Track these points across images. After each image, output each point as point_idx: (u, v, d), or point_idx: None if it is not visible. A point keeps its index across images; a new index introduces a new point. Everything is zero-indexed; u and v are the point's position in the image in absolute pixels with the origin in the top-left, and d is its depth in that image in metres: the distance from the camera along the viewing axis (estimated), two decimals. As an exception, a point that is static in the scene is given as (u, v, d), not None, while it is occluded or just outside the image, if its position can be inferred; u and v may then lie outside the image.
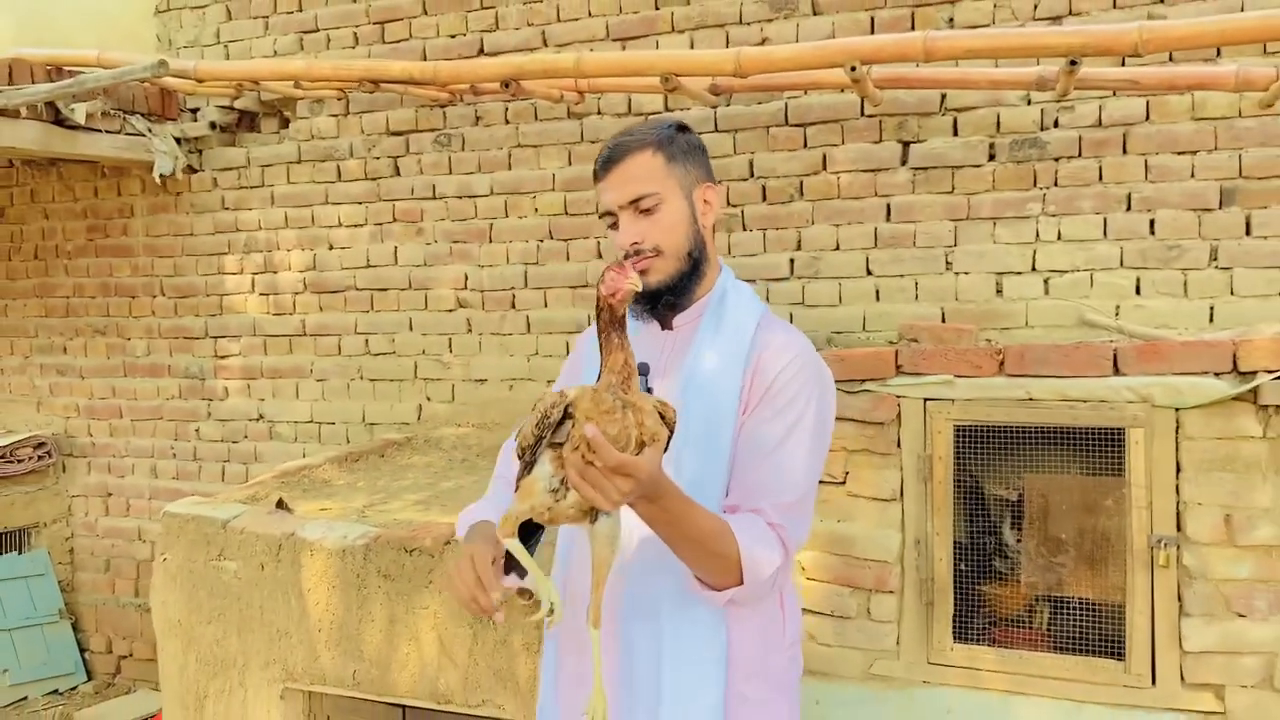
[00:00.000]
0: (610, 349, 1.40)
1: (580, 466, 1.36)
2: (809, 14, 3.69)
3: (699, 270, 1.74)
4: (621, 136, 1.73)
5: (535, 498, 1.44)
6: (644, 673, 1.64)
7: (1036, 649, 2.67)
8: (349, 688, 2.91)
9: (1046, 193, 3.40)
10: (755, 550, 1.55)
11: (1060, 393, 2.59)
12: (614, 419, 1.36)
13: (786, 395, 1.66)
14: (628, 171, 1.67)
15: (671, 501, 1.47)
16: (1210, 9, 3.23)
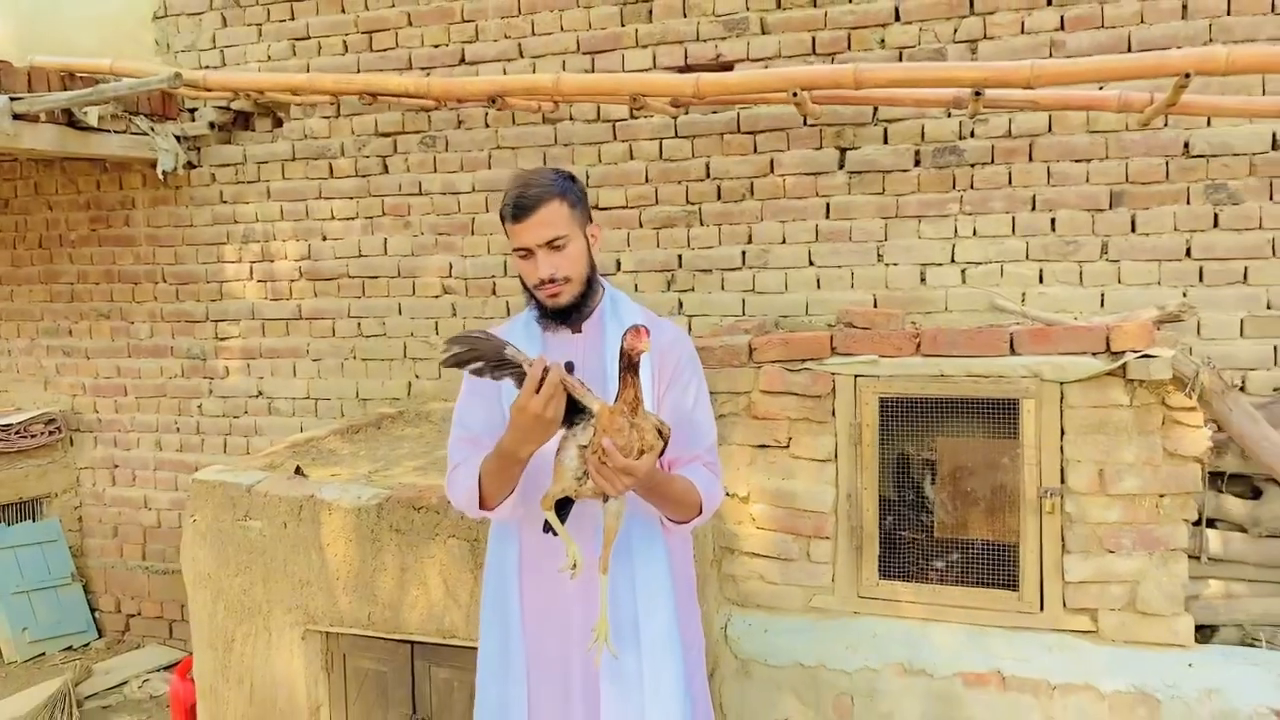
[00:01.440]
0: (624, 385, 1.89)
1: (597, 465, 1.88)
2: (759, 33, 4.15)
3: (592, 288, 2.23)
4: (529, 188, 2.14)
5: (565, 480, 1.96)
6: (623, 596, 2.16)
7: (947, 583, 3.19)
8: (364, 628, 3.36)
9: (964, 194, 3.91)
10: (709, 490, 2.16)
11: (967, 370, 3.10)
12: (622, 434, 1.87)
13: (687, 373, 2.23)
14: (543, 218, 2.11)
15: (659, 484, 2.02)
16: (1103, 37, 3.75)
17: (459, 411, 2.29)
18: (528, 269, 2.16)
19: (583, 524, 2.11)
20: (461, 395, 2.30)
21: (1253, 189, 3.64)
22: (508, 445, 1.99)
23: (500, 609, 2.26)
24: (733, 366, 3.32)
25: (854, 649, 3.11)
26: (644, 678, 2.12)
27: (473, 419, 2.24)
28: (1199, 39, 3.65)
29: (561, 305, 2.15)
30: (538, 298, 2.18)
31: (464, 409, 2.28)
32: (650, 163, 4.34)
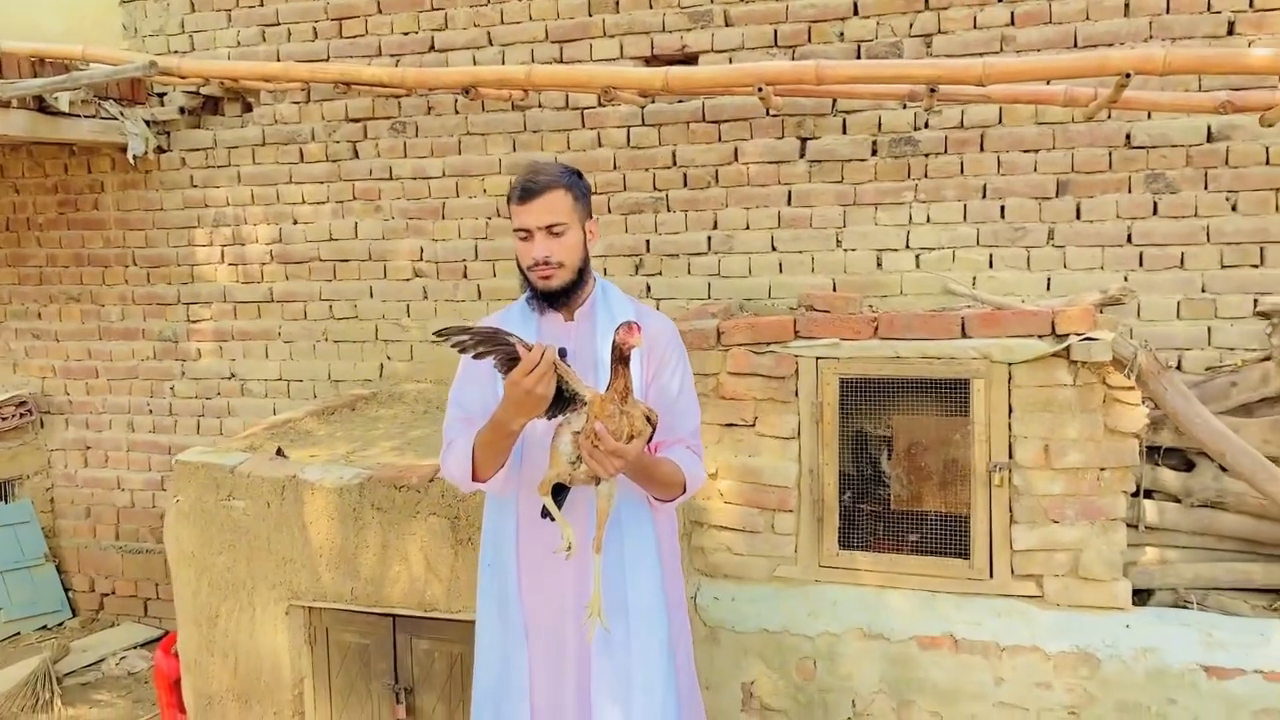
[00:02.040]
0: (616, 375, 2.04)
1: (590, 449, 2.03)
2: (723, 25, 4.29)
3: (583, 278, 2.37)
4: (539, 175, 2.29)
5: (560, 465, 2.11)
6: (613, 570, 2.32)
7: (902, 552, 3.38)
8: (347, 602, 3.49)
9: (918, 183, 4.09)
10: (693, 471, 2.32)
11: (921, 352, 3.28)
12: (613, 420, 2.02)
13: (673, 360, 2.39)
14: (547, 203, 2.26)
15: (647, 466, 2.18)
16: (1051, 32, 3.93)
17: (455, 394, 2.43)
18: (524, 250, 2.29)
19: (576, 505, 2.26)
20: (457, 379, 2.43)
21: (1189, 179, 3.85)
22: (501, 417, 2.14)
23: (498, 580, 2.39)
24: (702, 349, 3.48)
25: (816, 615, 3.30)
26: (631, 645, 2.28)
27: (468, 401, 2.38)
28: (1140, 35, 3.85)
29: (552, 289, 2.29)
30: (530, 279, 2.31)
31: (460, 391, 2.41)
32: (618, 150, 4.47)
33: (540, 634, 2.36)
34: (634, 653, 2.30)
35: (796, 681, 3.30)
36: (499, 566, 2.40)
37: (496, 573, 2.41)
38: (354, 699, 3.55)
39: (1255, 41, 3.75)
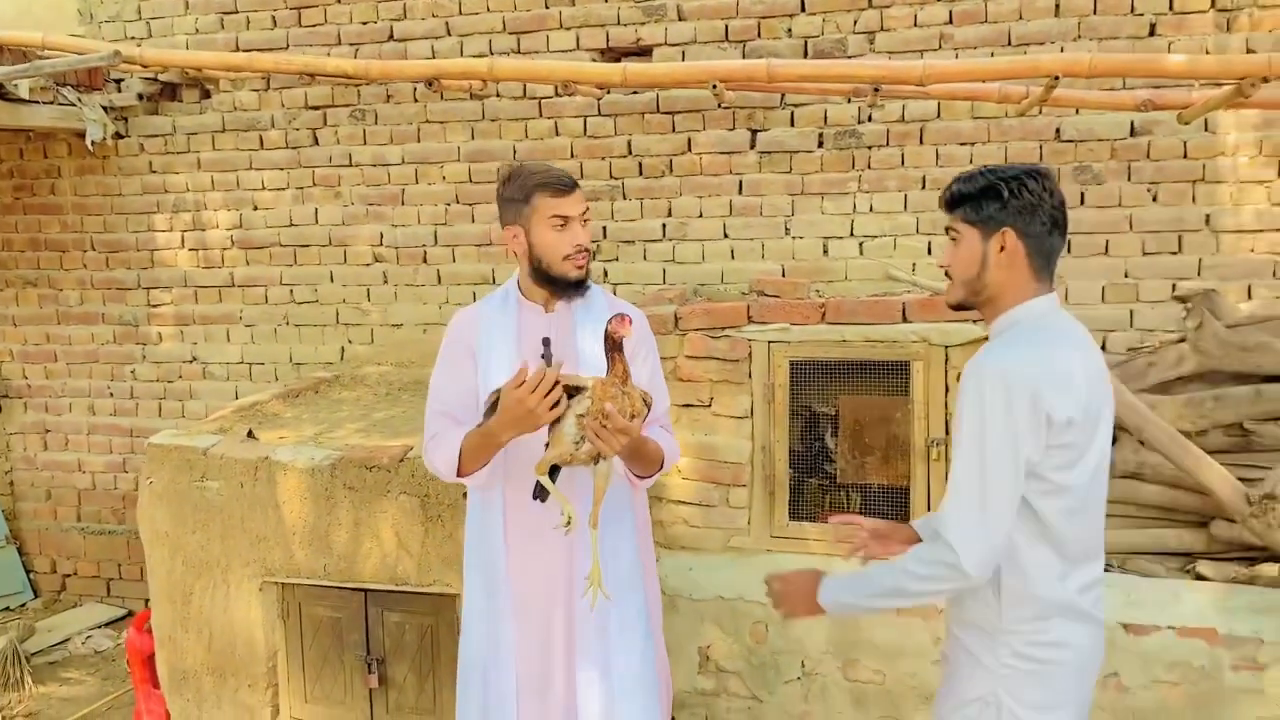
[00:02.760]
0: (614, 360, 2.17)
1: (597, 429, 2.15)
2: (675, 19, 4.45)
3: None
4: (564, 173, 2.45)
5: (563, 446, 2.21)
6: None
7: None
8: (320, 578, 3.63)
9: (862, 174, 4.31)
10: (671, 448, 2.52)
11: (865, 335, 3.50)
12: (617, 401, 2.15)
13: (644, 349, 2.53)
14: (581, 196, 2.44)
15: (639, 444, 2.31)
16: (987, 31, 4.16)
17: (436, 384, 2.55)
18: (561, 239, 2.37)
19: (570, 483, 2.38)
20: (438, 367, 2.55)
21: (1114, 171, 4.11)
22: (494, 428, 2.25)
23: (485, 556, 2.53)
24: (660, 334, 3.64)
25: (768, 583, 3.52)
26: (610, 613, 2.45)
27: (448, 391, 2.51)
28: (1069, 35, 4.09)
29: (583, 277, 2.44)
30: (557, 268, 2.40)
31: (440, 382, 2.54)
32: (575, 139, 4.63)
33: (528, 608, 2.48)
34: (613, 620, 2.47)
35: (750, 645, 3.51)
36: (486, 544, 2.53)
37: (483, 550, 2.54)
38: (327, 670, 3.69)
39: (1174, 43, 4.00)
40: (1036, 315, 2.03)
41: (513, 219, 2.42)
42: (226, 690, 3.76)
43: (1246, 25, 3.96)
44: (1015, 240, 1.99)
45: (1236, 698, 3.12)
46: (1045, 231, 2.01)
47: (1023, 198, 1.99)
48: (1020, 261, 2.01)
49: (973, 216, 2.03)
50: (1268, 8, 3.94)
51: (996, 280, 2.03)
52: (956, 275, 2.09)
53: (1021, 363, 1.93)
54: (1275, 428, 3.45)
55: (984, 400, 1.93)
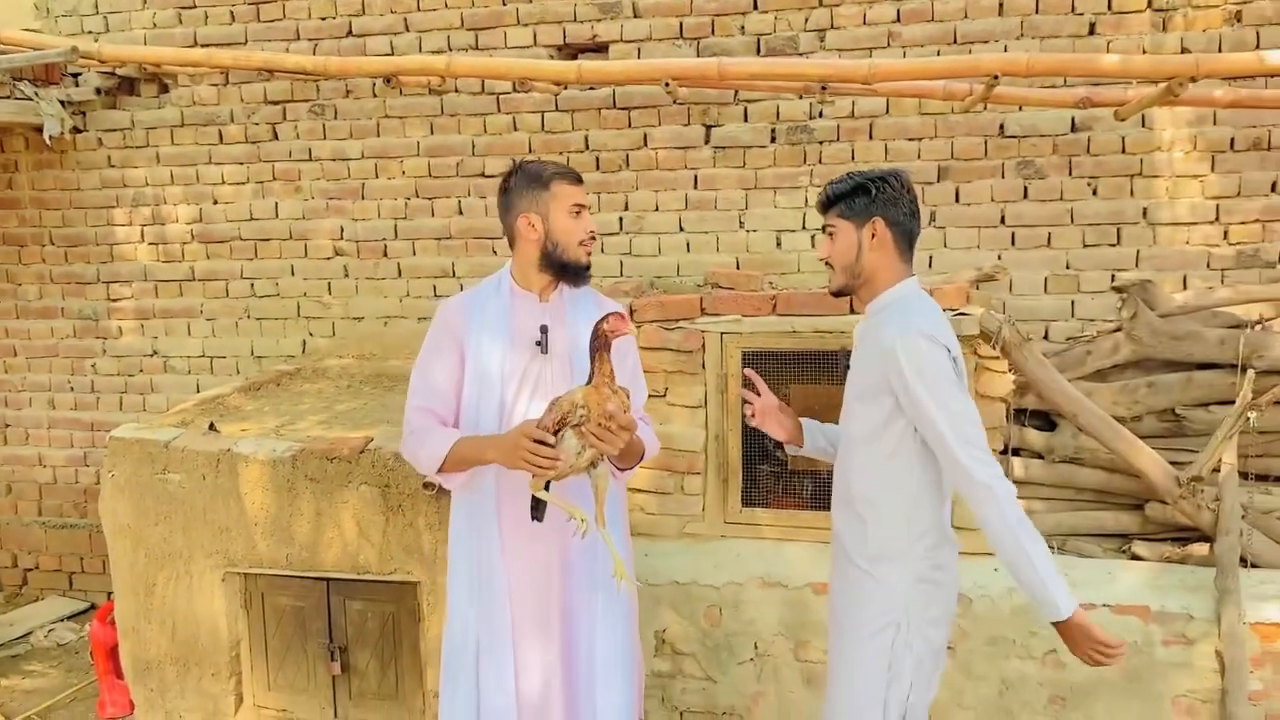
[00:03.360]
0: (602, 361, 2.28)
1: (600, 432, 2.25)
2: (631, 16, 4.53)
3: None
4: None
5: (566, 461, 2.30)
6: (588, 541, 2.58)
7: (798, 508, 3.72)
8: (282, 568, 3.69)
9: (813, 169, 4.41)
10: (651, 440, 2.65)
11: (814, 326, 3.60)
12: (611, 402, 2.27)
13: (627, 343, 2.62)
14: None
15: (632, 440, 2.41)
16: (933, 29, 4.27)
17: (419, 376, 2.60)
18: (576, 226, 2.53)
19: (567, 488, 2.46)
20: (423, 356, 2.61)
21: (1055, 165, 4.24)
22: (488, 454, 2.39)
23: (478, 546, 2.58)
24: (614, 325, 3.74)
25: (721, 567, 3.62)
26: (598, 603, 2.58)
27: (431, 383, 2.57)
28: (1012, 33, 4.21)
29: (590, 262, 2.57)
30: (571, 254, 2.53)
31: (424, 373, 2.59)
32: (533, 134, 4.70)
33: (524, 596, 2.55)
34: (600, 606, 2.58)
35: (704, 627, 3.61)
36: (478, 533, 2.57)
37: (475, 539, 2.58)
38: (290, 658, 3.76)
39: (1112, 41, 4.14)
40: (910, 294, 2.43)
41: (528, 207, 2.52)
42: (190, 680, 3.81)
43: (1181, 24, 4.10)
44: (884, 227, 2.38)
45: (1167, 671, 3.27)
46: (906, 218, 2.41)
47: (886, 193, 2.38)
48: (889, 245, 2.40)
49: (847, 212, 2.41)
50: (1201, 8, 4.08)
51: (871, 263, 2.41)
52: (837, 264, 2.45)
53: (930, 326, 2.30)
54: (1205, 413, 3.60)
55: (926, 361, 2.25)
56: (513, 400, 2.53)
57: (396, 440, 3.59)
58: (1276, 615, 3.21)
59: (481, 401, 2.53)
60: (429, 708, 3.60)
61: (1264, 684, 3.21)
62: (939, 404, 2.23)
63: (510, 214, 2.57)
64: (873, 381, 2.35)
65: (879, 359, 2.32)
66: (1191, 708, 3.25)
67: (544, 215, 2.52)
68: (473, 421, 2.54)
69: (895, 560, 2.37)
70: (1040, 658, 3.36)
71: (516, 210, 2.55)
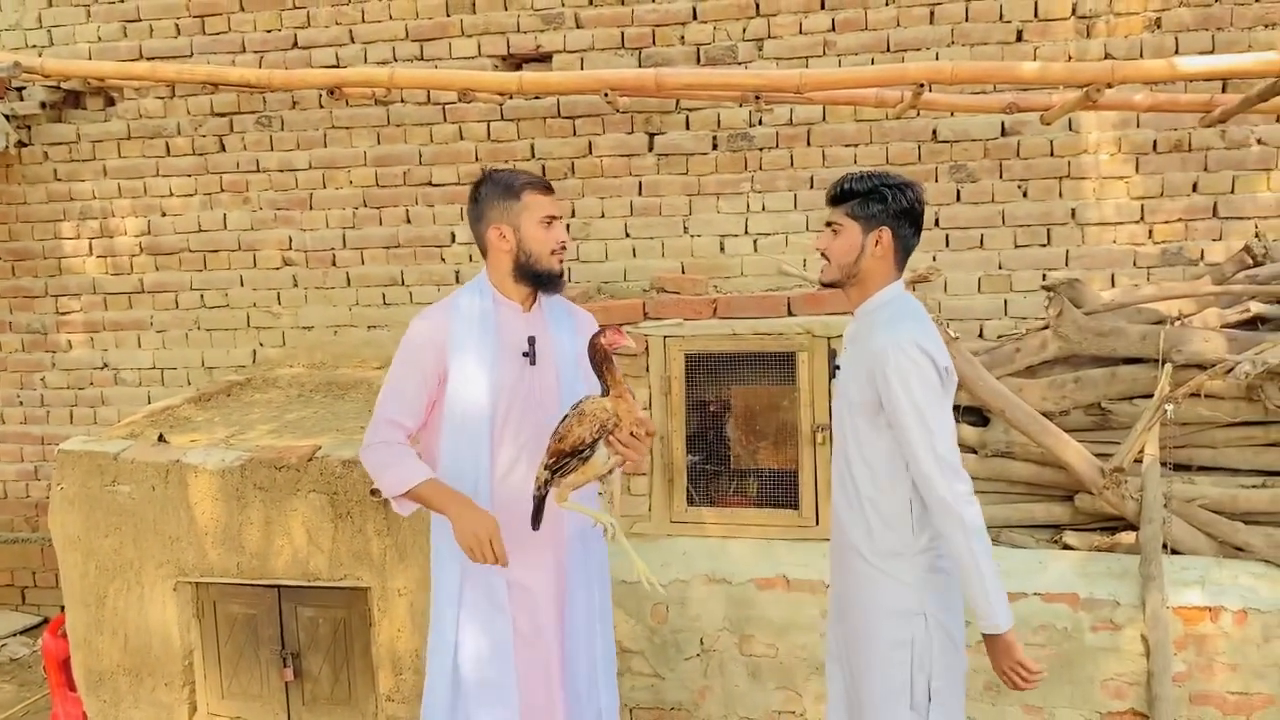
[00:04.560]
0: (613, 372, 2.31)
1: (631, 441, 2.28)
2: (574, 27, 4.61)
3: None
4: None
5: (597, 469, 2.33)
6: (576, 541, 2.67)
7: (742, 506, 3.81)
8: (234, 576, 3.72)
9: (754, 175, 4.52)
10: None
11: (754, 329, 3.70)
12: (638, 410, 2.33)
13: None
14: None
15: None
16: (867, 38, 4.39)
17: (391, 388, 2.56)
18: (549, 235, 2.52)
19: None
20: (397, 369, 2.56)
21: (987, 169, 4.37)
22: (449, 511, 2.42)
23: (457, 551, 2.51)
24: (559, 331, 3.81)
25: (668, 565, 3.70)
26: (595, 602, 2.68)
27: (403, 397, 2.54)
28: (943, 41, 4.34)
29: (563, 270, 2.58)
30: (545, 263, 2.52)
31: (397, 386, 2.55)
32: (479, 143, 4.76)
33: (522, 604, 2.56)
34: (597, 606, 2.69)
35: (651, 625, 3.69)
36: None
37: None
38: (243, 665, 3.79)
39: (1039, 47, 4.27)
40: (900, 297, 2.46)
41: (499, 218, 2.51)
42: (143, 690, 3.83)
43: (1104, 31, 4.24)
44: (890, 238, 2.40)
45: (1096, 656, 3.39)
46: (911, 234, 2.45)
47: (901, 204, 2.39)
48: (889, 255, 2.42)
49: (858, 212, 2.41)
50: (1123, 14, 4.23)
51: (868, 268, 2.42)
52: (835, 259, 2.46)
53: (922, 334, 2.33)
54: (1130, 406, 3.73)
55: (913, 371, 2.30)
56: (504, 412, 2.52)
57: (345, 448, 3.67)
58: (1197, 599, 3.35)
59: (469, 416, 2.50)
60: (382, 711, 3.65)
61: (1187, 665, 3.35)
62: (918, 416, 2.28)
63: (481, 224, 2.56)
64: (864, 384, 2.40)
65: (868, 360, 2.37)
66: (1120, 690, 3.38)
67: (515, 226, 2.51)
68: (458, 429, 2.51)
69: (904, 556, 2.41)
70: (974, 645, 3.46)
71: (487, 221, 2.54)
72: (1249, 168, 4.20)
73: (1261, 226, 4.17)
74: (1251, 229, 4.19)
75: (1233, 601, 3.34)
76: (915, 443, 2.30)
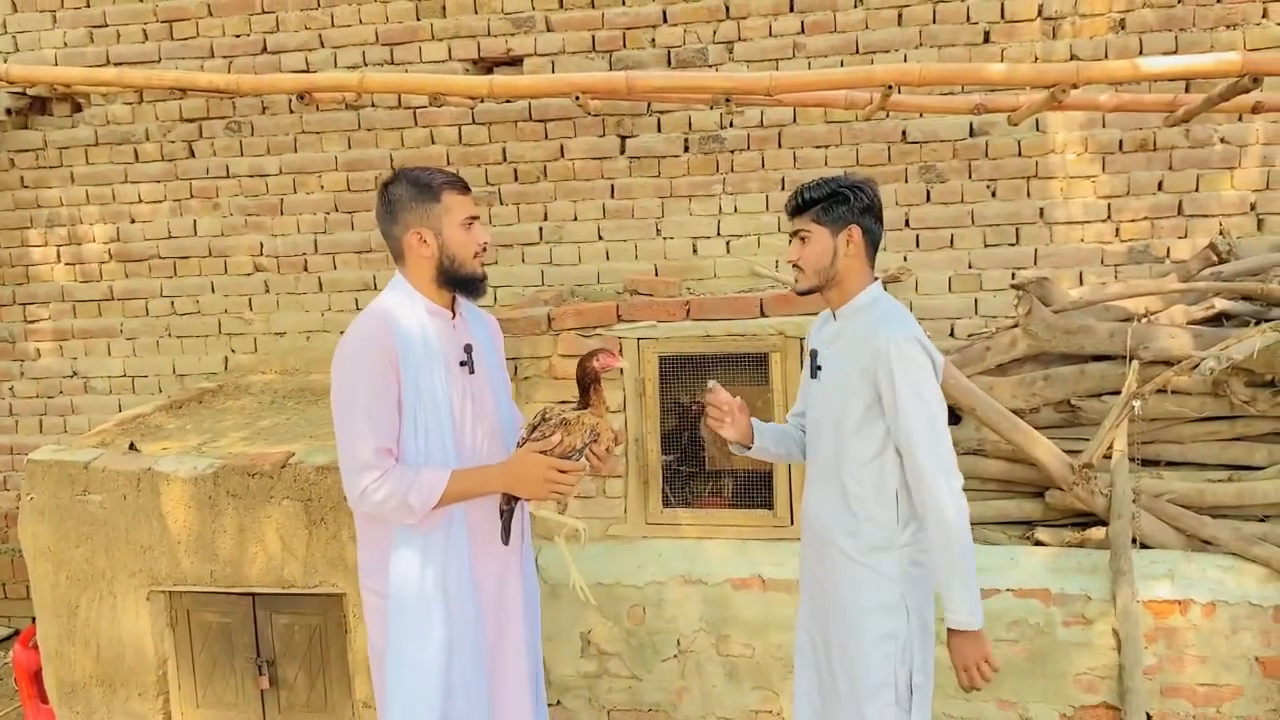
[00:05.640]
0: (599, 391, 2.44)
1: (605, 456, 2.40)
2: (544, 31, 4.61)
3: None
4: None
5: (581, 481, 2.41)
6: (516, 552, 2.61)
7: (717, 507, 3.83)
8: (207, 584, 3.69)
9: (726, 177, 4.54)
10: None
11: (727, 330, 3.71)
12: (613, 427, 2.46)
13: (500, 352, 2.71)
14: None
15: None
16: (836, 40, 4.42)
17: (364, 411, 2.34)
18: (470, 237, 2.41)
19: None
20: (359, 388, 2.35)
21: (956, 169, 4.41)
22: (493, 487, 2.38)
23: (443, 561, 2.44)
24: (534, 335, 3.82)
25: (643, 567, 3.71)
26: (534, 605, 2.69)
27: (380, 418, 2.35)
28: (911, 42, 4.37)
29: (485, 271, 2.49)
30: (469, 267, 2.42)
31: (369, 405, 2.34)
32: (450, 147, 4.75)
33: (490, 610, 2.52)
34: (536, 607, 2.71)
35: (628, 627, 3.70)
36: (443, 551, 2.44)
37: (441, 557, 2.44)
38: (218, 674, 3.76)
39: (1006, 49, 4.31)
40: (883, 295, 2.53)
41: (418, 222, 2.36)
42: (117, 700, 3.80)
43: (1070, 32, 4.29)
44: (859, 234, 2.47)
45: (1069, 651, 3.43)
46: (877, 226, 2.52)
47: (862, 200, 2.48)
48: (861, 251, 2.49)
49: (823, 217, 2.47)
50: (1088, 16, 4.28)
51: (845, 268, 2.48)
52: (809, 266, 2.51)
53: (918, 331, 2.40)
54: (1099, 403, 3.77)
55: (916, 367, 2.36)
56: (459, 423, 2.44)
57: (318, 454, 3.66)
58: (1166, 593, 3.39)
59: (430, 430, 2.39)
60: (358, 717, 3.63)
61: (1158, 658, 3.38)
62: (923, 411, 2.34)
63: (396, 227, 2.40)
64: (854, 381, 2.43)
65: (865, 358, 2.40)
66: (1092, 684, 3.42)
67: (437, 230, 2.37)
68: (422, 451, 2.39)
69: (890, 550, 2.46)
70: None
71: (404, 224, 2.38)
72: (1213, 166, 4.25)
73: (1225, 224, 4.23)
74: (1216, 227, 4.24)
75: (1201, 594, 3.38)
76: (916, 436, 2.35)
